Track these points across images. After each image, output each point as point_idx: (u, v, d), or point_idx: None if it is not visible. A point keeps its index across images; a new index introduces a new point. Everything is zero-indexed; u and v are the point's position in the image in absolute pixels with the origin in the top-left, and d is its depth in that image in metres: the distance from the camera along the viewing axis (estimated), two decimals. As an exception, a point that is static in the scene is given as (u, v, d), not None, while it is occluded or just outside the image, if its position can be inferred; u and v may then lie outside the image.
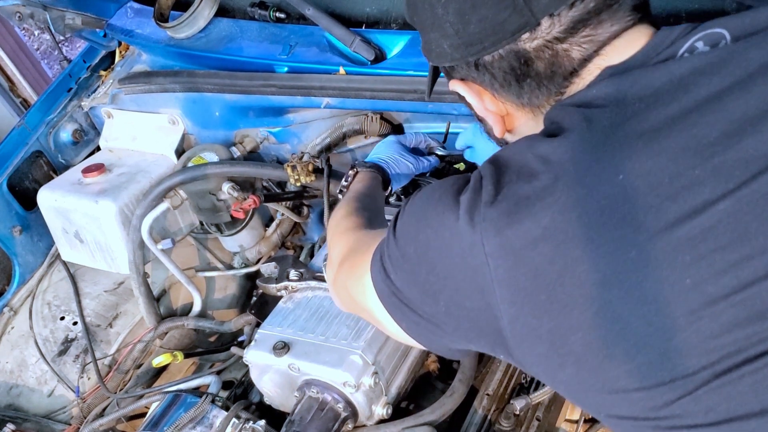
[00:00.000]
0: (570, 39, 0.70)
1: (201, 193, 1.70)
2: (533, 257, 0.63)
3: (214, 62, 1.69)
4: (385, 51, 1.48)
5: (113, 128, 1.96)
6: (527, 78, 0.74)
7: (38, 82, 4.44)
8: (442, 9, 0.74)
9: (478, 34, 0.72)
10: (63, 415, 1.78)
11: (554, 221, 0.62)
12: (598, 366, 0.63)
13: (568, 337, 0.63)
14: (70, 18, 1.80)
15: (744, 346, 0.57)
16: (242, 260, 1.92)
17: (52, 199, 1.78)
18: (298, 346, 1.21)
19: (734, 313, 0.57)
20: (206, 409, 1.32)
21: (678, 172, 0.59)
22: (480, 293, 0.68)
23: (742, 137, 0.59)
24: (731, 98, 0.60)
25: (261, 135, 1.80)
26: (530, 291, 0.64)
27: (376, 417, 1.21)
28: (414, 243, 0.75)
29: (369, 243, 0.86)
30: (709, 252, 0.58)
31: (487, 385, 1.23)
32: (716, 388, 0.58)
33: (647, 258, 0.59)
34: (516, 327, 0.67)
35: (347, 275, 0.93)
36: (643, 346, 0.60)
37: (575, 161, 0.63)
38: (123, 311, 1.90)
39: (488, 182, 0.68)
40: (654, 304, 0.59)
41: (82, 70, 2.01)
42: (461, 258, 0.68)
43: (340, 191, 1.30)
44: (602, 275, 0.60)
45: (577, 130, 0.66)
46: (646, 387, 0.61)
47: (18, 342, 1.85)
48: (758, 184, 0.57)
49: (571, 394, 0.71)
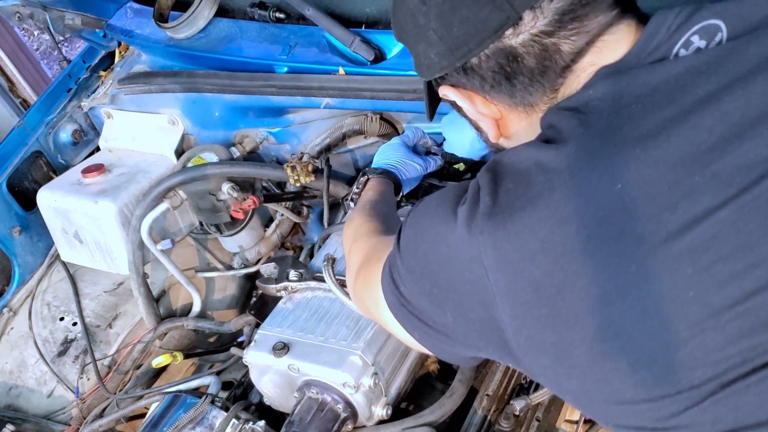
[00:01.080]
0: (558, 33, 0.68)
1: (201, 194, 1.70)
2: (532, 270, 0.62)
3: (214, 62, 1.69)
4: (384, 51, 1.48)
5: (113, 128, 1.95)
6: (518, 75, 0.72)
7: (38, 82, 4.44)
8: (423, 17, 0.73)
9: (462, 37, 0.71)
10: (62, 416, 1.78)
11: (552, 234, 0.61)
12: (603, 378, 0.62)
13: (572, 350, 0.62)
14: (69, 18, 1.80)
15: (750, 357, 0.56)
16: (242, 261, 1.92)
17: (52, 200, 1.78)
18: (297, 346, 1.21)
19: (739, 324, 0.56)
20: (206, 410, 1.31)
21: (677, 180, 0.58)
22: (483, 305, 0.68)
23: (742, 141, 0.58)
24: (730, 99, 0.59)
25: (261, 135, 1.79)
26: (531, 305, 0.63)
27: (375, 418, 1.21)
28: (415, 257, 0.75)
29: (382, 252, 0.86)
30: (711, 263, 0.57)
31: (487, 385, 1.23)
32: (723, 399, 0.57)
33: (648, 272, 0.58)
34: (520, 339, 0.66)
35: (363, 286, 0.93)
36: (648, 360, 0.59)
37: (572, 171, 0.62)
38: (123, 312, 1.90)
39: (485, 193, 0.67)
40: (657, 318, 0.58)
41: (81, 70, 2.01)
42: (461, 271, 0.68)
43: (352, 199, 1.29)
44: (603, 290, 0.59)
45: (574, 137, 0.64)
46: (653, 399, 0.60)
47: (17, 342, 1.85)
48: (759, 190, 0.56)
49: (578, 403, 0.70)
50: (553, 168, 0.63)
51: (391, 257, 0.80)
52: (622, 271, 0.59)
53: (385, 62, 1.46)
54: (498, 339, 0.69)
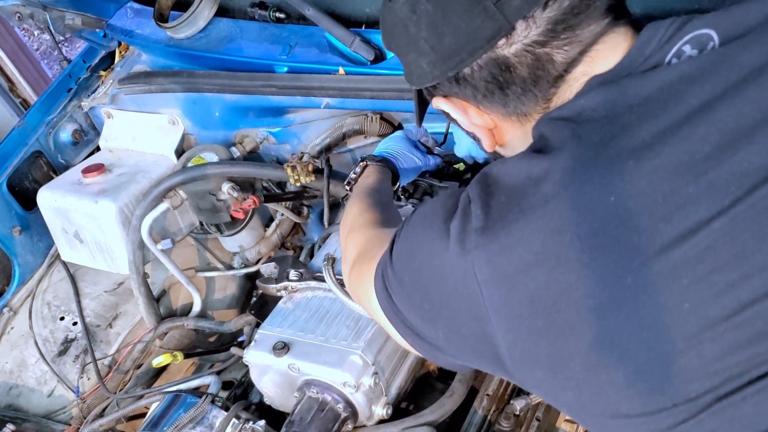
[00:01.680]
0: (551, 42, 0.68)
1: (201, 194, 1.70)
2: (527, 283, 0.62)
3: (214, 62, 1.69)
4: (384, 51, 1.48)
5: (113, 128, 1.95)
6: (511, 85, 0.72)
7: (38, 82, 4.44)
8: (414, 27, 0.73)
9: (453, 46, 0.70)
10: (63, 416, 1.78)
11: (546, 246, 0.61)
12: (598, 391, 0.61)
13: (568, 362, 0.62)
14: (69, 18, 1.80)
15: (746, 368, 0.56)
16: (242, 260, 1.92)
17: (52, 199, 1.78)
18: (298, 346, 1.21)
19: (735, 336, 0.56)
20: (206, 410, 1.32)
21: (671, 191, 0.58)
22: (476, 321, 0.67)
23: (736, 150, 0.57)
24: (724, 107, 0.59)
25: (261, 135, 1.79)
26: (526, 317, 0.63)
27: (376, 417, 1.21)
28: (408, 270, 0.75)
29: (376, 249, 0.86)
30: (707, 273, 0.56)
31: (487, 385, 1.23)
32: (719, 411, 0.57)
33: (643, 284, 0.57)
34: (514, 353, 0.66)
35: (357, 281, 0.93)
36: (644, 372, 0.58)
37: (565, 183, 0.62)
38: (123, 311, 1.90)
39: (477, 206, 0.66)
40: (653, 330, 0.57)
41: (81, 70, 2.01)
42: (454, 288, 0.68)
43: (348, 183, 1.29)
44: (598, 301, 0.59)
45: (567, 148, 0.64)
46: (648, 412, 0.59)
47: (18, 342, 1.85)
48: (753, 199, 0.56)
49: (575, 415, 0.70)
50: (546, 180, 0.63)
51: (383, 265, 0.80)
52: (618, 282, 0.58)
53: (385, 62, 1.46)
54: (491, 354, 0.68)
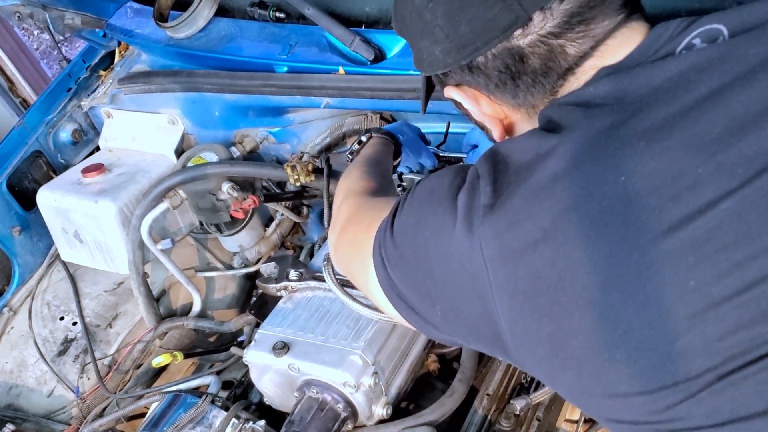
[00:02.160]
0: (565, 34, 0.69)
1: (201, 193, 1.70)
2: (533, 260, 0.62)
3: (214, 62, 1.69)
4: (384, 51, 1.48)
5: (113, 128, 1.95)
6: (522, 75, 0.72)
7: (38, 82, 4.44)
8: (430, 14, 0.73)
9: (469, 35, 0.71)
10: (63, 416, 1.78)
11: (554, 223, 0.62)
12: (599, 370, 0.62)
13: (569, 340, 0.62)
14: (69, 18, 1.80)
15: (748, 348, 0.56)
16: (242, 260, 1.92)
17: (52, 199, 1.78)
18: (297, 346, 1.21)
19: (738, 315, 0.56)
20: (206, 410, 1.31)
21: (680, 172, 0.58)
22: (478, 298, 0.67)
23: (744, 134, 0.58)
24: (733, 94, 0.60)
25: (261, 135, 1.79)
26: (530, 294, 0.63)
27: (376, 417, 1.21)
28: (412, 246, 0.74)
29: (372, 217, 0.85)
30: (713, 253, 0.57)
31: (487, 385, 1.23)
32: (720, 390, 0.57)
33: (650, 261, 0.58)
34: (516, 331, 0.66)
35: (348, 250, 0.92)
36: (646, 350, 0.59)
37: (575, 162, 0.63)
38: (123, 311, 1.90)
39: (486, 182, 0.67)
40: (657, 307, 0.58)
41: (81, 70, 2.01)
42: (459, 263, 0.68)
43: (351, 152, 1.29)
44: (604, 278, 0.60)
45: (577, 128, 0.65)
46: (649, 391, 0.60)
47: (17, 342, 1.85)
48: (761, 182, 0.56)
49: (572, 397, 0.70)
50: (556, 159, 0.64)
51: (383, 237, 0.79)
52: (625, 259, 0.59)
53: (385, 62, 1.46)
54: (491, 332, 0.69)
